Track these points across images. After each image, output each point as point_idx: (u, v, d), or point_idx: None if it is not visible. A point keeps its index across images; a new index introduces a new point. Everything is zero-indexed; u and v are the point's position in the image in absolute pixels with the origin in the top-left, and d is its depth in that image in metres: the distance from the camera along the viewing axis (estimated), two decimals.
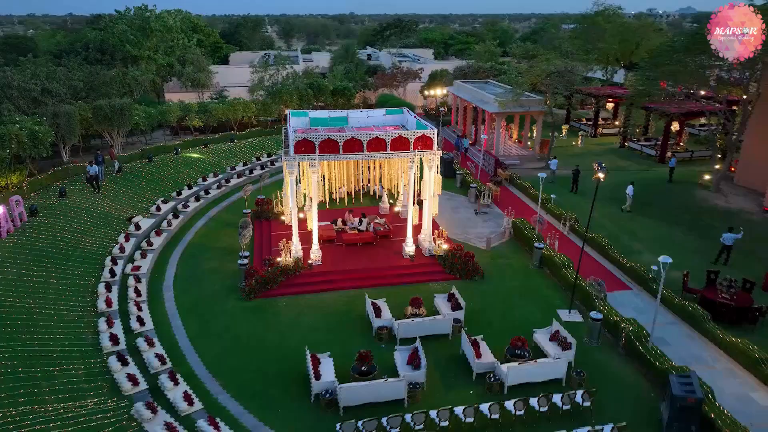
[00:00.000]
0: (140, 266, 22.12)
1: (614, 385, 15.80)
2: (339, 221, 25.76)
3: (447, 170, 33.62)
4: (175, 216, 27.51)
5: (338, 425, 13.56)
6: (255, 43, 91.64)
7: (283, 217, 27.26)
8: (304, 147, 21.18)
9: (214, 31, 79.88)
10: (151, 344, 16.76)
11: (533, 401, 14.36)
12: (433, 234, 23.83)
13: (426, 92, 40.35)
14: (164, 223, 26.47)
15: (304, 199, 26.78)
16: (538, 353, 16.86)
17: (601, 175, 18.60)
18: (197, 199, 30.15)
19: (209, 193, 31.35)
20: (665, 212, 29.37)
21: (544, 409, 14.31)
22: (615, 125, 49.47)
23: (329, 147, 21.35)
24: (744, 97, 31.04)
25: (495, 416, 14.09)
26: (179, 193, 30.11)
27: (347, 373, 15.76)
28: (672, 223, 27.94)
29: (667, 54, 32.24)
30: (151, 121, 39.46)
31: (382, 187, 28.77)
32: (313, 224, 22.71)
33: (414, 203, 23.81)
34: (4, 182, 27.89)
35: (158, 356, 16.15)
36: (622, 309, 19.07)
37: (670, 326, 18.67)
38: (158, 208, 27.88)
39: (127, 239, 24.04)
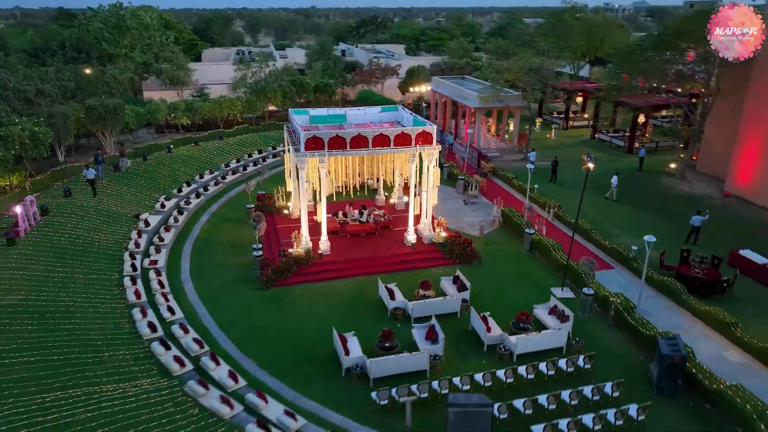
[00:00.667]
0: (157, 260, 23.17)
1: (607, 350, 17.90)
2: (340, 213, 27.24)
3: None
4: (180, 212, 28.44)
5: (374, 393, 15.18)
6: (226, 39, 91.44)
7: (285, 211, 28.55)
8: (314, 144, 22.59)
9: (186, 27, 79.48)
10: (186, 330, 18.00)
11: (542, 366, 16.33)
12: (432, 223, 25.60)
13: (412, 89, 41.93)
14: (171, 219, 27.43)
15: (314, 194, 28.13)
16: (540, 326, 18.84)
17: (591, 165, 20.71)
18: (197, 195, 31.10)
19: (208, 189, 32.30)
20: (637, 199, 31.92)
21: (551, 372, 16.28)
22: (584, 118, 52.31)
23: (337, 143, 22.84)
24: (703, 91, 33.86)
25: (510, 380, 15.98)
26: (179, 190, 30.99)
27: (371, 350, 17.37)
28: (644, 209, 30.51)
29: (637, 53, 34.76)
30: (140, 120, 39.92)
31: (377, 181, 30.36)
32: (322, 216, 24.15)
33: (413, 195, 25.45)
34: (5, 183, 28.27)
35: (196, 341, 17.44)
36: (608, 286, 21.24)
37: (651, 299, 20.95)
38: (162, 205, 28.77)
39: (139, 235, 24.96)
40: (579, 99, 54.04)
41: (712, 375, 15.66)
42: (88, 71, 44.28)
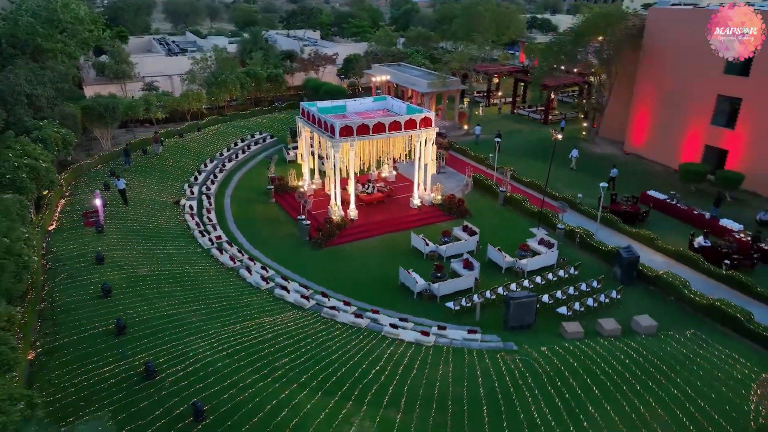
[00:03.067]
0: (220, 235, 27.87)
1: (581, 263, 26.08)
2: (359, 186, 33.01)
3: None
4: (208, 198, 32.69)
5: (450, 303, 21.99)
6: (137, 27, 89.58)
7: (301, 189, 33.80)
8: (346, 131, 28.34)
9: (100, 17, 77.65)
10: (287, 281, 23.44)
11: (549, 275, 24.07)
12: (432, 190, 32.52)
13: (375, 78, 47.83)
14: (205, 203, 31.71)
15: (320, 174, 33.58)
16: (534, 253, 26.57)
17: (559, 136, 28.64)
18: (212, 182, 35.19)
19: (216, 176, 36.40)
20: (565, 160, 40.99)
21: (554, 279, 24.08)
22: (498, 96, 61.58)
23: (363, 130, 28.78)
24: (603, 76, 43.60)
25: (531, 286, 23.53)
26: (195, 178, 34.93)
27: (427, 279, 24.04)
28: (578, 168, 39.49)
29: (560, 46, 43.63)
30: (119, 117, 42.05)
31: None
32: (351, 189, 30.03)
33: (417, 168, 31.93)
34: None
35: (302, 286, 22.99)
36: (567, 222, 29.56)
37: (600, 230, 29.55)
38: (192, 192, 32.76)
39: (192, 217, 29.19)
40: (495, 80, 63.15)
41: (651, 268, 24.31)
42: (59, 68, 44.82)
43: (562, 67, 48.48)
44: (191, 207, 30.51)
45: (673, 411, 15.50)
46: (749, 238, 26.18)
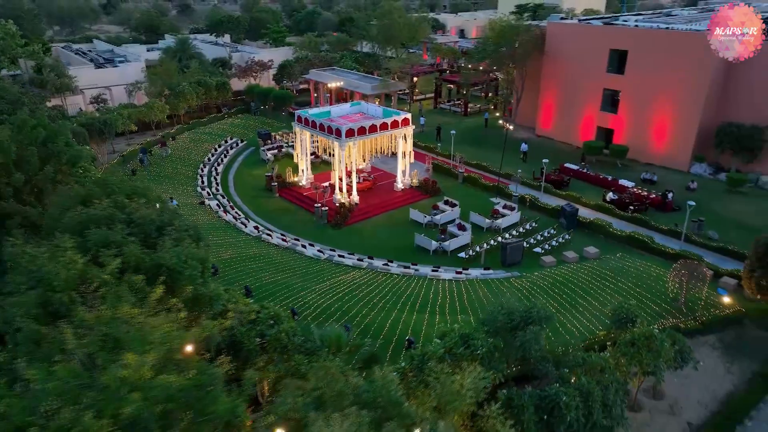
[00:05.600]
0: (257, 226, 33.65)
1: (535, 219, 35.64)
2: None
3: None
4: (222, 196, 37.92)
5: (461, 254, 30.28)
6: (35, 36, 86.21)
7: (301, 183, 40.00)
8: (350, 133, 35.36)
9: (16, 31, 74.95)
10: (304, 247, 30.28)
11: (520, 229, 33.30)
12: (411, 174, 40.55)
13: (333, 84, 54.29)
14: (222, 201, 36.99)
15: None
16: (503, 215, 35.68)
17: (510, 127, 37.87)
18: (217, 184, 40.21)
19: (217, 178, 41.37)
20: (493, 145, 50.86)
21: (522, 231, 33.37)
22: (418, 93, 70.87)
23: (362, 131, 36.00)
24: (514, 73, 54.21)
25: (510, 237, 32.57)
26: (202, 182, 39.78)
27: (435, 240, 32.11)
28: (500, 150, 49.45)
29: (483, 50, 53.33)
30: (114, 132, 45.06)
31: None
32: (353, 181, 37.06)
33: (400, 158, 39.51)
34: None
35: (340, 256, 29.99)
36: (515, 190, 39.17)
37: (540, 195, 39.41)
38: (209, 193, 37.74)
39: (225, 213, 34.55)
40: (415, 79, 72.24)
41: (584, 217, 34.48)
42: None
43: (480, 68, 58.84)
44: (217, 206, 35.75)
45: (623, 295, 25.07)
46: (641, 191, 37.49)
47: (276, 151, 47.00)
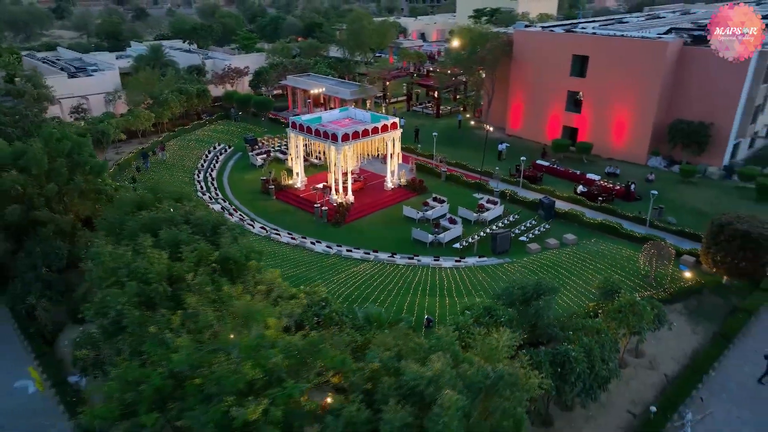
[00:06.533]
0: (263, 226, 35.90)
1: (516, 212, 39.25)
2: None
3: None
4: (224, 200, 39.90)
5: (456, 244, 33.49)
6: None
7: (297, 186, 42.36)
8: (346, 137, 38.03)
9: None
10: (313, 244, 32.97)
11: (504, 221, 36.82)
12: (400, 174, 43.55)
13: (316, 91, 56.75)
14: (224, 204, 38.99)
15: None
16: (487, 209, 39.11)
17: (490, 128, 41.34)
18: (215, 188, 42.11)
19: (214, 182, 43.24)
20: (469, 145, 54.54)
21: (507, 222, 36.90)
22: (390, 97, 74.02)
23: (356, 136, 38.73)
24: (483, 77, 58.01)
25: (496, 228, 36.04)
26: (201, 187, 41.60)
27: (431, 234, 35.23)
28: (479, 149, 53.02)
29: (456, 56, 56.82)
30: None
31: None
32: (349, 182, 39.72)
33: (389, 160, 42.44)
34: None
35: (348, 250, 32.74)
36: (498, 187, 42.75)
37: (519, 190, 43.09)
38: (211, 197, 39.65)
39: (231, 216, 36.61)
40: (387, 83, 75.35)
41: (560, 208, 38.32)
42: None
43: (448, 71, 62.48)
44: (222, 209, 37.76)
45: (602, 274, 28.75)
46: (607, 183, 41.74)
47: (265, 155, 49.14)
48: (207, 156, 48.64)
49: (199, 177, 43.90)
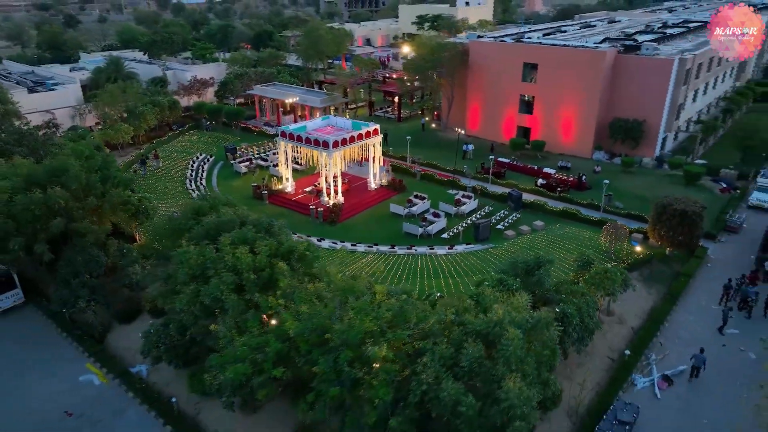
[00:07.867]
0: None
1: (488, 204, 44.43)
2: (317, 182, 46.33)
3: None
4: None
5: (444, 234, 38.16)
6: None
7: (287, 190, 45.70)
8: (336, 144, 41.89)
9: None
10: (319, 241, 36.89)
11: (480, 213, 41.93)
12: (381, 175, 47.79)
13: (291, 100, 59.59)
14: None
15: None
16: (463, 203, 44.07)
17: (461, 131, 46.29)
18: (204, 189, 44.73)
19: (205, 190, 45.82)
20: (434, 145, 59.49)
21: (482, 214, 42.03)
22: (351, 103, 78.14)
23: (344, 142, 42.67)
24: (442, 82, 63.24)
25: (475, 220, 41.06)
26: (196, 195, 44.15)
27: (419, 226, 39.76)
28: (443, 149, 58.14)
29: (417, 66, 61.61)
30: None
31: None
32: (339, 185, 43.56)
33: (371, 163, 46.53)
34: None
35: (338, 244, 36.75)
36: (466, 183, 47.86)
37: (488, 185, 48.38)
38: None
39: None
40: (348, 90, 79.31)
41: (526, 199, 43.87)
42: None
43: (405, 77, 67.43)
44: None
45: (572, 252, 34.33)
46: (562, 176, 47.84)
47: (248, 163, 52.03)
48: (193, 165, 50.94)
49: (191, 186, 46.33)
